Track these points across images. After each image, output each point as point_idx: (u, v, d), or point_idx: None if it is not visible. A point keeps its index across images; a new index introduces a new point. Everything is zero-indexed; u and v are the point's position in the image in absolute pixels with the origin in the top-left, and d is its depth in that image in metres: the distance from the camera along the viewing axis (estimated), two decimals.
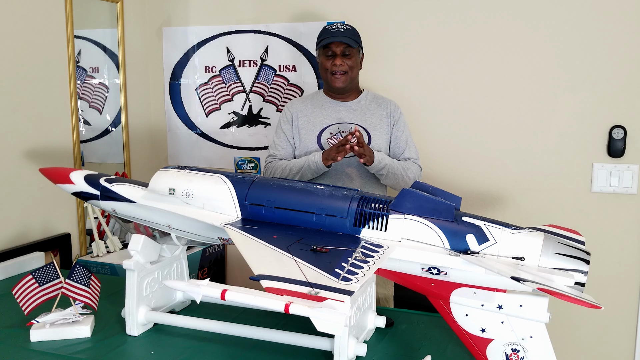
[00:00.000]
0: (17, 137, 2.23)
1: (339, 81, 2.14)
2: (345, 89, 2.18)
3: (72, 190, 1.60)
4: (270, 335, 1.39)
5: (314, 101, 2.26)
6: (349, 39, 2.10)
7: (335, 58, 2.12)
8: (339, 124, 2.18)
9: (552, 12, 2.40)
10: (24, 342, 1.44)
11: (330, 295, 1.00)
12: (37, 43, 2.30)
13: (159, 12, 3.00)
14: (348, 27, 2.15)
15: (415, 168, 2.18)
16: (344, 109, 2.20)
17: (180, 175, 1.45)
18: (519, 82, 2.47)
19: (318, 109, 2.22)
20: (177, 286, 1.25)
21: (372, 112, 2.20)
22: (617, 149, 2.36)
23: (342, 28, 2.13)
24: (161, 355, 1.38)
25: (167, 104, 3.06)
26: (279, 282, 1.04)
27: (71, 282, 1.46)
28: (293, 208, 1.33)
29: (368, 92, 2.26)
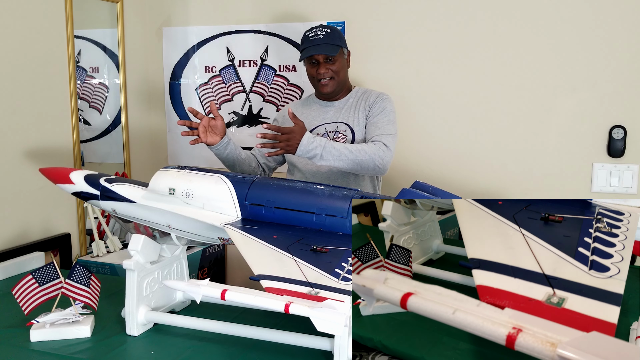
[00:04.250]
0: (17, 137, 2.23)
1: (326, 87, 2.12)
2: (335, 92, 2.17)
3: (72, 190, 1.60)
4: (270, 335, 1.39)
5: (304, 104, 2.27)
6: (329, 47, 2.05)
7: (319, 66, 2.09)
8: (326, 124, 2.16)
9: (552, 11, 2.39)
10: (24, 342, 1.44)
11: (330, 295, 1.00)
12: (37, 43, 2.30)
13: (159, 12, 3.00)
14: (327, 31, 2.09)
15: (371, 147, 1.95)
16: (331, 109, 2.19)
17: (180, 175, 1.45)
18: (519, 82, 2.47)
19: (307, 111, 2.22)
20: (177, 286, 1.25)
21: (357, 108, 2.16)
22: (617, 149, 2.36)
23: (321, 34, 2.07)
24: (161, 355, 1.38)
25: (167, 104, 3.06)
26: (279, 282, 1.04)
27: (71, 282, 1.46)
28: (293, 208, 1.33)
29: (358, 89, 2.23)
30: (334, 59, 2.09)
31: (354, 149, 1.92)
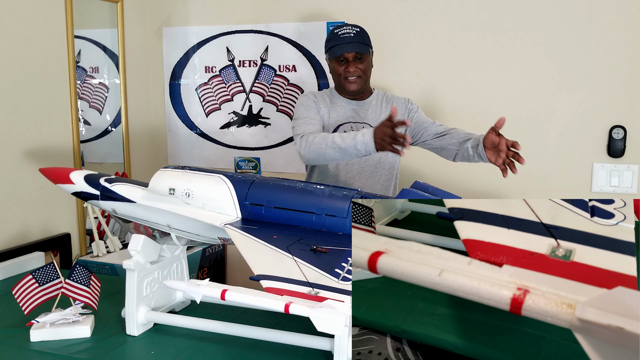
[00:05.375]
0: (17, 137, 2.23)
1: (353, 85, 2.10)
2: (359, 91, 2.16)
3: (72, 190, 1.60)
4: (270, 335, 1.39)
5: (330, 98, 2.21)
6: (361, 46, 2.05)
7: (348, 64, 2.07)
8: (353, 122, 2.16)
9: (552, 11, 2.39)
10: (24, 342, 1.44)
11: (330, 295, 1.00)
12: (37, 43, 2.30)
13: (159, 12, 3.00)
14: (357, 29, 2.08)
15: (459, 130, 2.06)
16: (357, 107, 2.19)
17: (180, 175, 1.45)
18: (519, 81, 2.47)
19: (333, 106, 2.19)
20: (177, 286, 1.25)
21: (383, 109, 2.18)
22: (617, 149, 2.36)
23: (351, 32, 2.05)
24: (161, 355, 1.38)
25: (167, 104, 3.06)
26: (279, 282, 1.04)
27: (71, 282, 1.46)
28: (293, 208, 1.33)
29: (379, 92, 2.25)
30: (363, 57, 2.08)
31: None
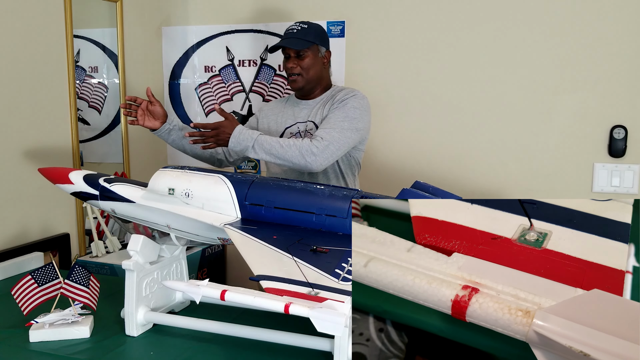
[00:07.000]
0: (16, 137, 2.22)
1: (294, 83, 2.09)
2: (305, 90, 2.12)
3: (71, 190, 1.60)
4: (270, 335, 1.38)
5: (285, 102, 2.24)
6: (298, 42, 2.02)
7: (288, 60, 2.07)
8: (299, 123, 2.13)
9: (552, 11, 2.39)
10: (23, 343, 1.43)
11: (330, 296, 1.00)
12: (36, 42, 2.29)
13: (159, 12, 3.00)
14: (303, 26, 2.05)
15: (304, 143, 1.85)
16: (305, 107, 2.15)
17: (180, 175, 1.44)
18: (520, 81, 2.47)
19: (283, 110, 2.19)
20: (177, 287, 1.25)
21: (324, 106, 2.10)
22: (618, 149, 2.35)
23: (296, 28, 2.05)
24: (161, 356, 1.37)
25: (166, 104, 3.05)
26: (279, 282, 1.04)
27: (70, 282, 1.46)
28: (293, 208, 1.32)
29: (334, 88, 2.16)
30: (304, 55, 2.05)
31: (285, 144, 1.84)
